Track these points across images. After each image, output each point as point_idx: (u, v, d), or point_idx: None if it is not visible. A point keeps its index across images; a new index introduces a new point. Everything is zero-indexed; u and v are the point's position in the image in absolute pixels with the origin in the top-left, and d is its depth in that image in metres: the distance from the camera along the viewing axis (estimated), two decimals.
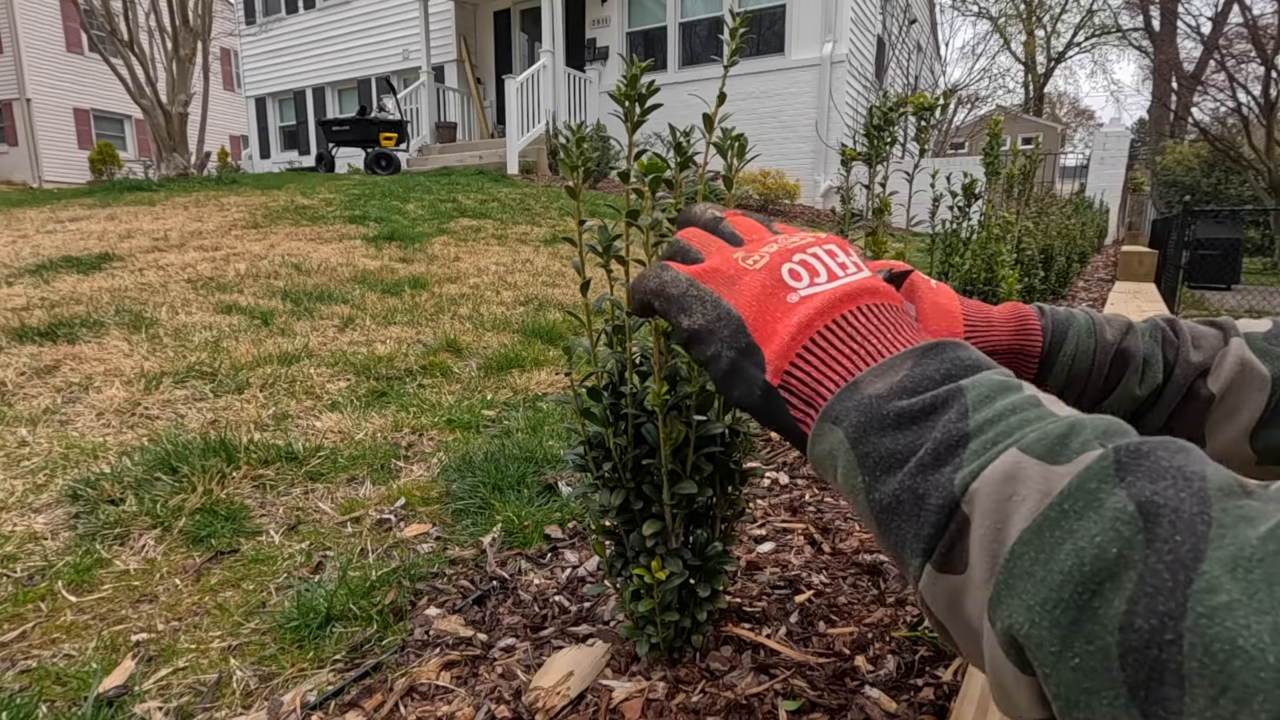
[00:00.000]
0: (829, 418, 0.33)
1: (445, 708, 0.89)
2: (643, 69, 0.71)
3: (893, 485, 0.29)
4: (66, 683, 0.99)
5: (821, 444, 0.33)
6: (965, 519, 0.26)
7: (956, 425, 0.28)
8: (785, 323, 0.37)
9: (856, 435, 0.31)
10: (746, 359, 0.37)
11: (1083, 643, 0.20)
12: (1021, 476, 0.25)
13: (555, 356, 2.68)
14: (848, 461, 0.31)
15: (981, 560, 0.25)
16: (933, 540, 0.27)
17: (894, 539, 0.29)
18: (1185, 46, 21.76)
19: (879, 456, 0.30)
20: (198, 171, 9.36)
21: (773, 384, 0.36)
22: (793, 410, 0.36)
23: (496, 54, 12.38)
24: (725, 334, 0.38)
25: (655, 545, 0.84)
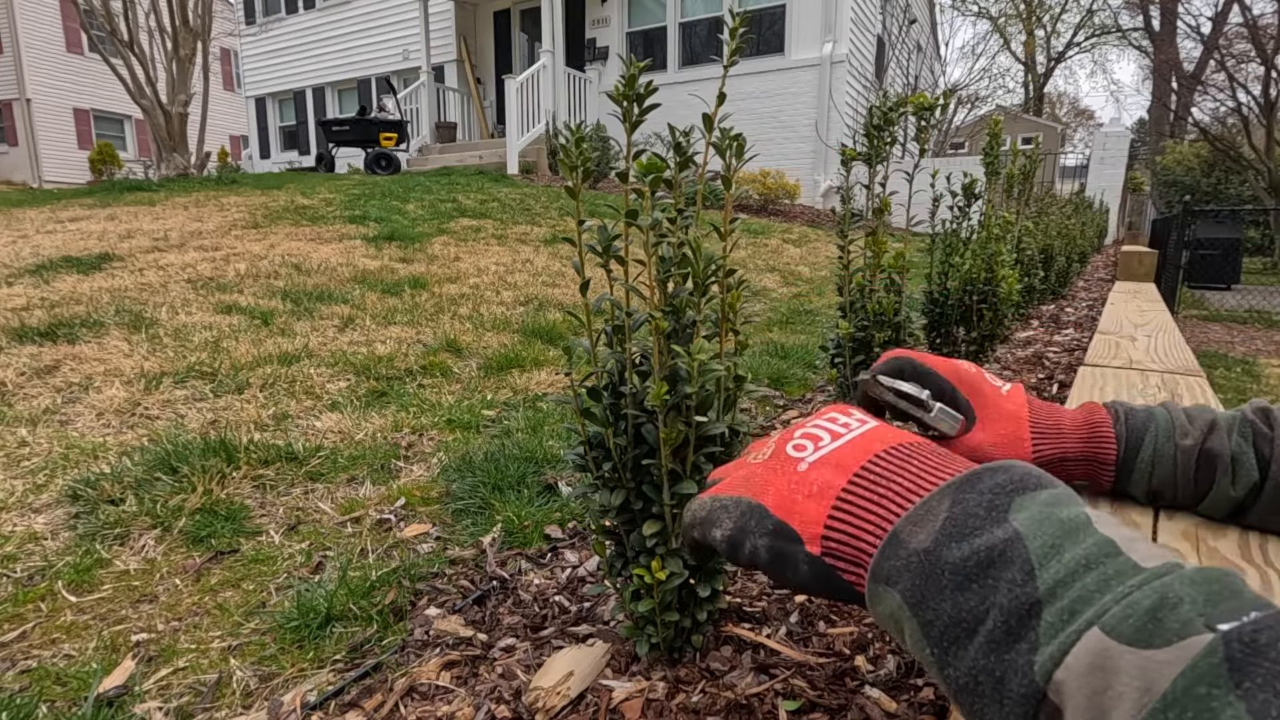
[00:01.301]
0: (879, 578, 0.32)
1: (445, 708, 0.89)
2: (641, 69, 0.71)
3: (966, 663, 0.27)
4: (66, 683, 0.99)
5: (881, 605, 0.32)
6: (1056, 709, 0.24)
7: (1023, 590, 0.26)
8: (804, 490, 0.37)
9: (915, 600, 0.29)
10: (781, 540, 0.37)
11: None
12: (1112, 668, 0.23)
13: (555, 356, 2.68)
14: (913, 629, 0.29)
15: None
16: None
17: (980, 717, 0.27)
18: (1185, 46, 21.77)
19: (943, 625, 0.28)
20: (198, 171, 9.36)
21: (815, 554, 0.36)
22: (845, 575, 0.35)
23: (496, 54, 12.38)
24: (753, 525, 0.39)
25: (655, 545, 0.84)
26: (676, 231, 0.78)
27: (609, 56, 10.61)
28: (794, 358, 2.72)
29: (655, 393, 0.73)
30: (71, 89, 18.96)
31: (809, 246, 6.13)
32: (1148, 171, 20.79)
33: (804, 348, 2.87)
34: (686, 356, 0.73)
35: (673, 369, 0.78)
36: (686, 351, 0.73)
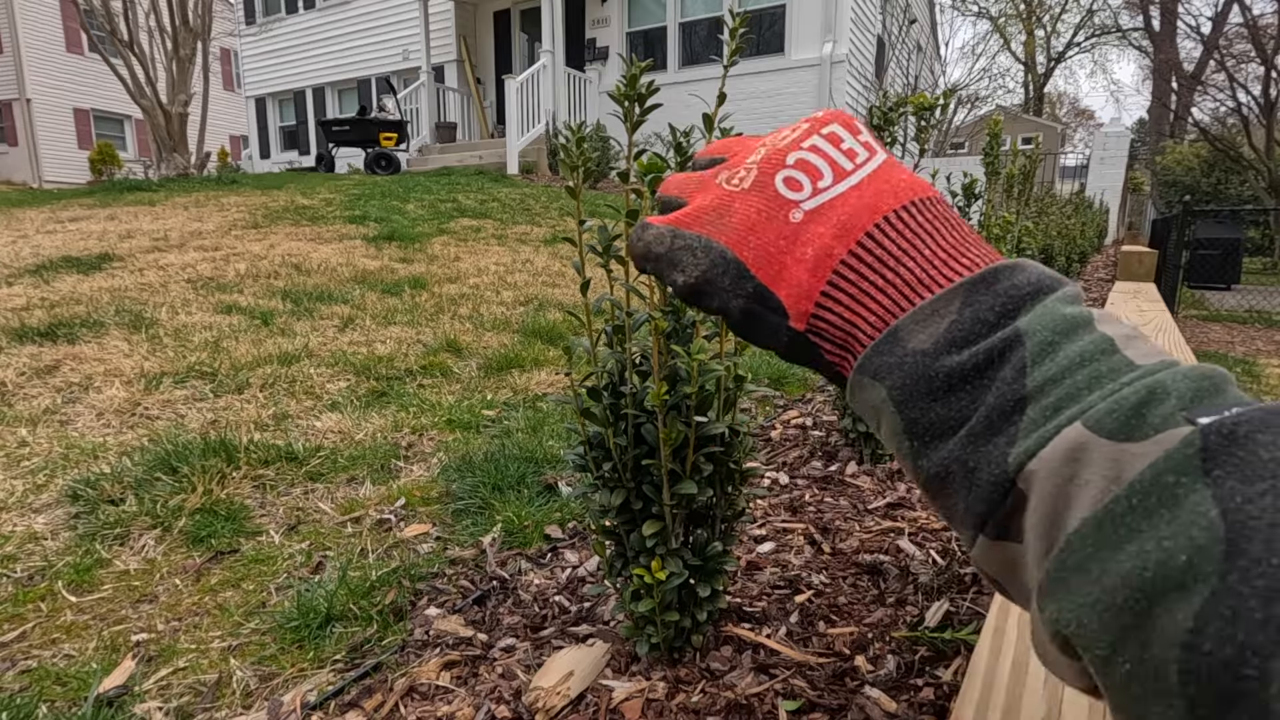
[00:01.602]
0: (868, 372, 0.29)
1: (445, 708, 0.89)
2: (642, 69, 0.71)
3: (941, 454, 0.26)
4: (66, 683, 0.99)
5: (863, 395, 0.30)
6: (1022, 497, 0.24)
7: (1012, 386, 0.25)
8: (796, 255, 0.31)
9: (902, 398, 0.27)
10: (760, 305, 0.32)
11: (1136, 650, 0.19)
12: (1086, 459, 0.22)
13: (555, 356, 2.68)
14: (893, 423, 0.28)
15: (1037, 541, 0.23)
16: (985, 516, 0.25)
17: (944, 509, 0.27)
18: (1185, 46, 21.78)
19: (927, 424, 0.27)
20: (198, 171, 9.36)
21: (799, 330, 0.31)
22: (827, 355, 0.31)
23: (496, 54, 12.38)
24: (726, 283, 0.32)
25: (655, 545, 0.84)
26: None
27: (609, 56, 10.62)
28: None
29: (655, 393, 0.73)
30: (71, 89, 18.97)
31: None
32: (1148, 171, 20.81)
33: None
34: (686, 356, 0.73)
35: (672, 369, 0.78)
36: (686, 351, 0.73)
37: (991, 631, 0.78)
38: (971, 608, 1.05)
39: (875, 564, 1.19)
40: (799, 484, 1.58)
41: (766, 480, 1.60)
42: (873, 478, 1.59)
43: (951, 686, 0.86)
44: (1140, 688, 0.19)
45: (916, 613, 1.04)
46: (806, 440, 1.84)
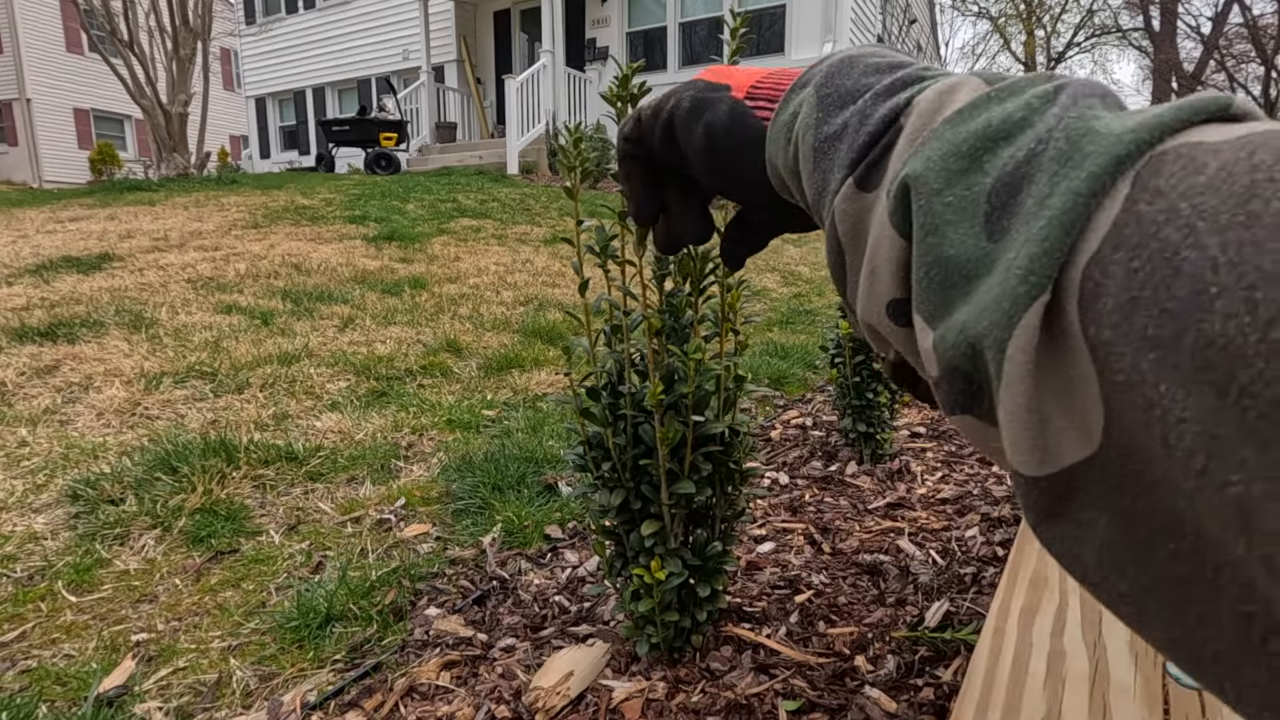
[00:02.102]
0: (798, 85, 0.32)
1: (445, 708, 0.89)
2: (635, 70, 0.71)
3: (844, 114, 0.29)
4: (66, 683, 0.99)
5: (785, 112, 0.33)
6: (899, 129, 0.26)
7: (920, 71, 0.29)
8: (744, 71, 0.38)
9: (823, 81, 0.31)
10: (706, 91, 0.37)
11: (962, 186, 0.22)
12: (963, 87, 0.25)
13: (555, 356, 2.68)
14: (808, 109, 0.31)
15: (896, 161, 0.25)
16: (864, 151, 0.27)
17: (825, 165, 0.29)
18: (1185, 46, 21.77)
19: (840, 93, 0.30)
20: (198, 171, 9.36)
21: (739, 98, 0.36)
22: (760, 112, 0.35)
23: (496, 54, 12.38)
24: (681, 89, 0.38)
25: (655, 545, 0.84)
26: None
27: (609, 57, 10.61)
28: (794, 358, 2.72)
29: (651, 392, 0.73)
30: (71, 89, 18.96)
31: (809, 246, 6.13)
32: None
33: (804, 348, 2.87)
34: (682, 355, 0.73)
35: (669, 368, 0.78)
36: (681, 350, 0.73)
37: (991, 631, 0.78)
38: (971, 608, 1.05)
39: (875, 564, 1.19)
40: (799, 484, 1.57)
41: (766, 480, 1.60)
42: (873, 478, 1.59)
43: (951, 686, 0.86)
44: (955, 214, 0.21)
45: (916, 613, 1.04)
46: (806, 440, 1.84)
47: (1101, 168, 0.18)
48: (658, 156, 0.40)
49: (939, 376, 0.22)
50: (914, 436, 1.87)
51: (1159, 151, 0.17)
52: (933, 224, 0.22)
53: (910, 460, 1.66)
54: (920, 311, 0.23)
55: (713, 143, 0.36)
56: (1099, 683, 0.70)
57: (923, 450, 1.76)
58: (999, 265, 0.20)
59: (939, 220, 0.22)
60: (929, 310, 0.22)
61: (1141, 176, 0.17)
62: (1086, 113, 0.20)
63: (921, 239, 0.22)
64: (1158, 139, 0.18)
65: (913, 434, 1.88)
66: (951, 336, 0.21)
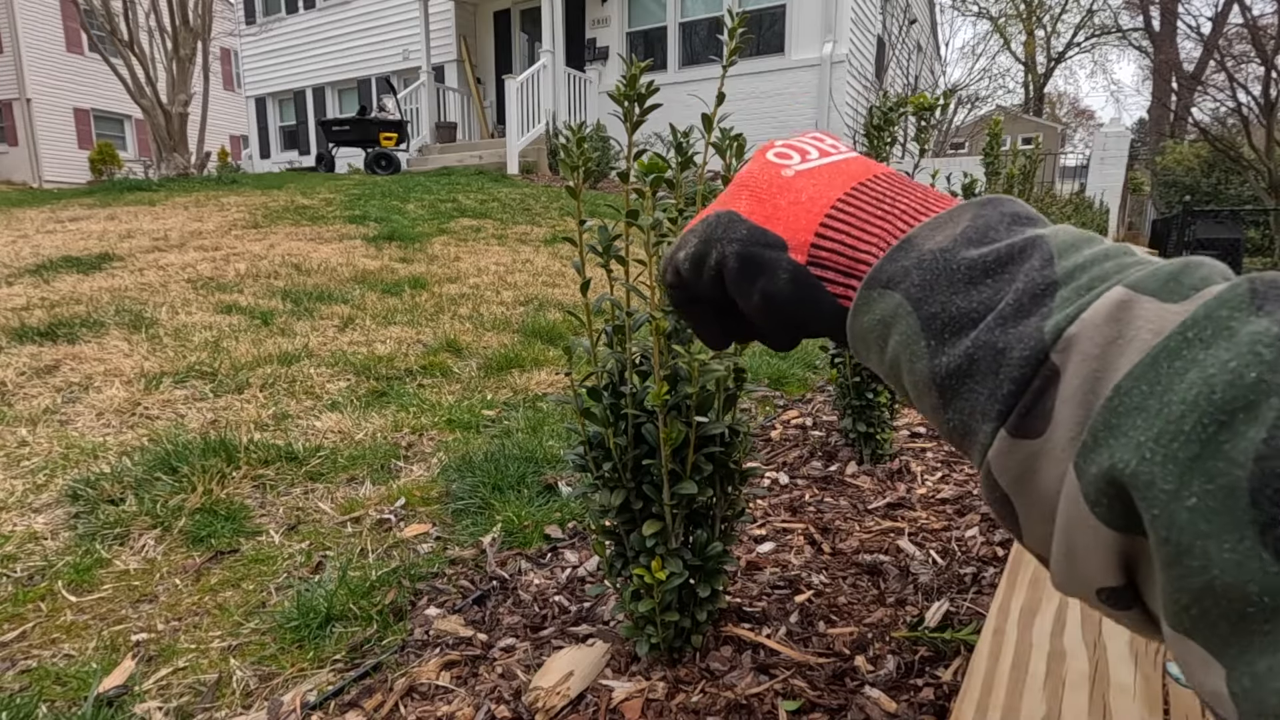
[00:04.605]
0: (879, 282, 0.28)
1: (445, 708, 0.89)
2: (642, 69, 0.71)
3: (964, 345, 0.25)
4: (66, 683, 0.99)
5: (869, 313, 0.29)
6: (1054, 371, 0.22)
7: (1042, 273, 0.25)
8: (789, 197, 0.32)
9: (921, 295, 0.27)
10: (756, 245, 0.32)
11: (1203, 480, 0.18)
12: (1129, 317, 0.21)
13: (555, 356, 2.68)
14: (907, 328, 0.27)
15: (1070, 415, 0.22)
16: (1012, 399, 0.23)
17: (962, 406, 0.25)
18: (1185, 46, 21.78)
19: (949, 316, 0.26)
20: (198, 171, 9.36)
21: (800, 263, 0.31)
22: (831, 287, 0.31)
23: (496, 54, 12.37)
24: (720, 232, 0.33)
25: (655, 545, 0.84)
26: (677, 231, 0.78)
27: (609, 56, 10.61)
28: (794, 358, 2.72)
29: (655, 393, 0.73)
30: (71, 89, 18.95)
31: None
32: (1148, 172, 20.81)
33: (804, 347, 2.87)
34: (686, 356, 0.73)
35: (673, 369, 0.78)
36: (687, 351, 0.73)
37: (991, 631, 0.78)
38: (971, 608, 1.05)
39: (875, 564, 1.19)
40: (799, 484, 1.58)
41: (766, 480, 1.60)
42: (873, 478, 1.59)
43: (951, 686, 0.86)
44: (1207, 523, 0.17)
45: (916, 613, 1.04)
46: (806, 440, 1.84)
47: None
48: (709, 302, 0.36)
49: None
50: (914, 436, 1.87)
51: None
52: (1183, 542, 0.18)
53: (910, 460, 1.66)
54: (1194, 638, 0.18)
55: (774, 310, 0.32)
56: (1099, 683, 0.70)
57: (923, 450, 1.76)
58: None
59: (1190, 534, 0.18)
60: (1214, 646, 0.18)
61: None
62: None
63: (1173, 559, 0.18)
64: None
65: (913, 434, 1.88)
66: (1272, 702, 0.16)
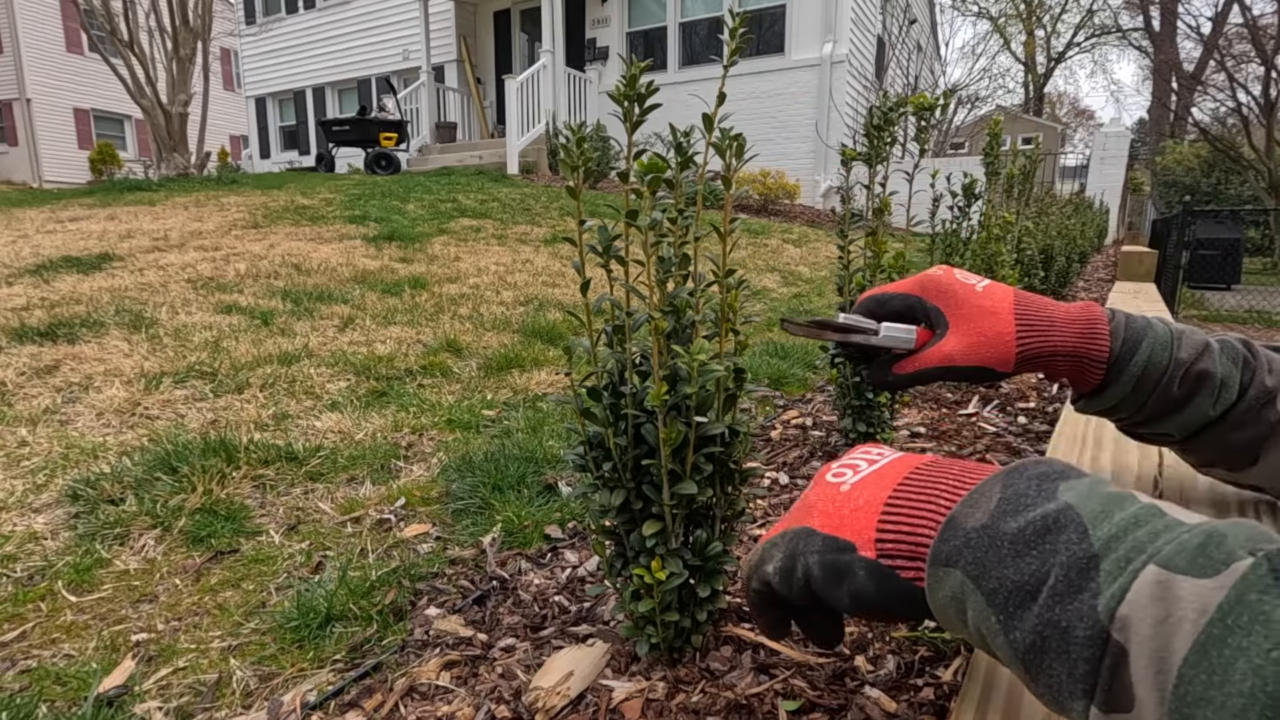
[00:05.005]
0: (939, 561, 0.32)
1: (445, 708, 0.89)
2: (642, 69, 0.71)
3: (1031, 621, 0.28)
4: (66, 683, 0.99)
5: (941, 590, 0.32)
6: (1121, 650, 0.25)
7: (1080, 546, 0.27)
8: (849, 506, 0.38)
9: (977, 572, 0.30)
10: (833, 553, 0.38)
11: None
12: (1171, 596, 0.24)
13: (555, 356, 2.68)
14: (976, 603, 0.30)
15: (1150, 694, 0.24)
16: (1090, 678, 0.26)
17: (1048, 682, 0.27)
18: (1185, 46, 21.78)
19: (1008, 591, 0.29)
20: (198, 171, 9.36)
21: (871, 557, 0.36)
22: (904, 574, 0.35)
23: (496, 54, 12.38)
24: (801, 546, 0.40)
25: (655, 545, 0.84)
26: (676, 232, 0.78)
27: (609, 56, 10.61)
28: (794, 358, 2.72)
29: (655, 393, 0.73)
30: (71, 89, 18.95)
31: (809, 246, 6.13)
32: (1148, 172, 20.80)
33: (804, 348, 2.87)
34: (686, 356, 0.73)
35: (673, 369, 0.78)
36: (686, 351, 0.73)
37: None
38: None
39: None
40: (799, 484, 1.58)
41: (766, 480, 1.60)
42: None
43: (951, 686, 0.86)
44: None
45: None
46: (806, 440, 1.84)
47: None
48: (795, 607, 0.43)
49: None
50: (914, 436, 1.87)
51: None
52: None
53: None
54: None
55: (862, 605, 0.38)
56: None
57: (923, 450, 1.76)
58: None
59: None
60: None
61: None
62: None
63: None
64: None
65: (913, 434, 1.88)
66: None
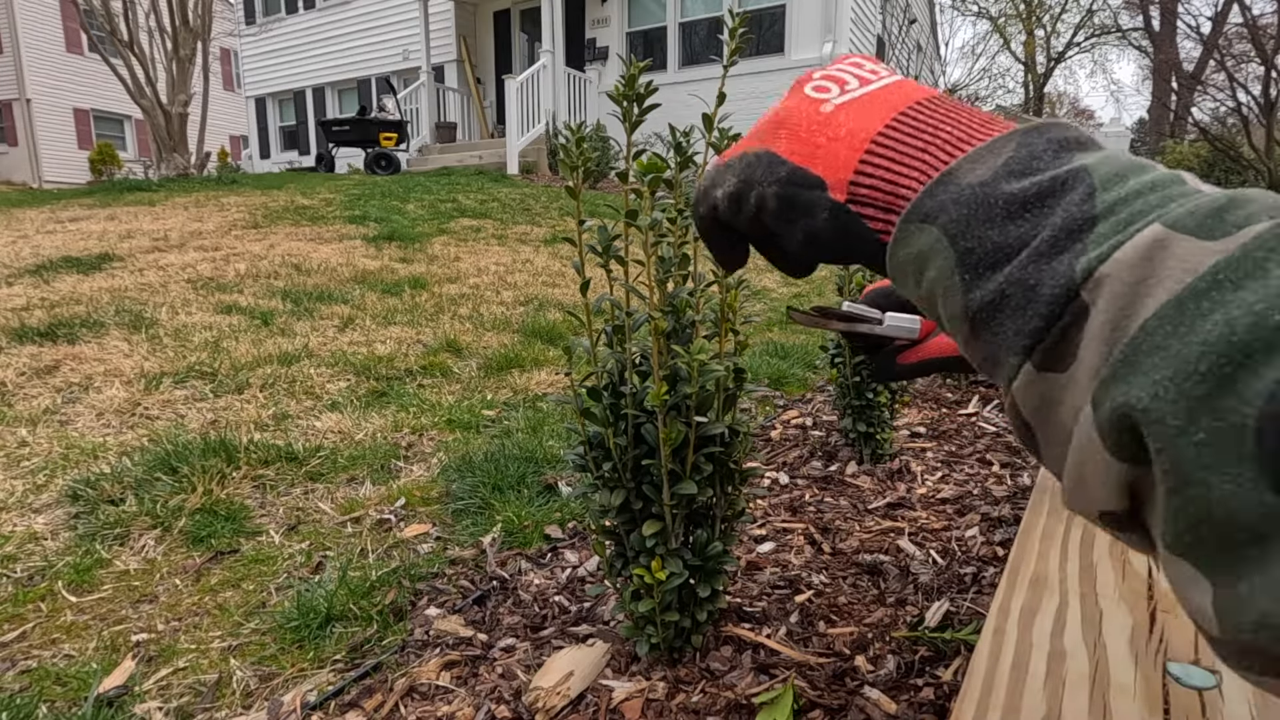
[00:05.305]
0: (917, 216, 0.28)
1: (445, 708, 0.89)
2: (641, 69, 0.71)
3: (998, 279, 0.25)
4: (66, 683, 0.99)
5: (907, 247, 0.29)
6: (1083, 308, 0.22)
7: (1081, 208, 0.24)
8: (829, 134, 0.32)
9: (958, 230, 0.26)
10: (795, 186, 0.32)
11: (1211, 418, 0.18)
12: (1163, 257, 0.21)
13: (555, 356, 2.68)
14: (943, 263, 0.27)
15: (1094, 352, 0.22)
16: (1039, 335, 0.23)
17: (989, 339, 0.25)
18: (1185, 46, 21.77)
19: (985, 251, 0.26)
20: (198, 172, 9.36)
21: (840, 200, 0.31)
22: (871, 222, 0.31)
23: (496, 54, 12.37)
24: (759, 174, 0.33)
25: (655, 545, 0.84)
26: (676, 232, 0.78)
27: (609, 56, 10.61)
28: (794, 358, 2.72)
29: (655, 393, 0.73)
30: (71, 89, 18.95)
31: None
32: None
33: (804, 348, 2.87)
34: (686, 356, 0.73)
35: (672, 369, 0.78)
36: (686, 351, 0.73)
37: (991, 631, 0.78)
38: (971, 608, 1.05)
39: (875, 564, 1.19)
40: (799, 484, 1.57)
41: (766, 480, 1.60)
42: (873, 477, 1.59)
43: (951, 686, 0.86)
44: (1211, 457, 0.18)
45: (916, 613, 1.04)
46: (806, 440, 1.84)
47: None
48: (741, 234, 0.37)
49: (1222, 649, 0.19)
50: (914, 436, 1.87)
51: None
52: (1186, 474, 0.19)
53: (910, 460, 1.66)
54: (1188, 558, 0.20)
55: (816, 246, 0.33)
56: (1099, 683, 0.70)
57: (923, 450, 1.76)
58: None
59: (1194, 466, 0.18)
60: (1204, 566, 0.19)
61: None
62: None
63: (1175, 489, 0.19)
64: None
65: (913, 434, 1.88)
66: (1248, 618, 0.18)
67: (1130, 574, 0.81)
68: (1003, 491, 1.48)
